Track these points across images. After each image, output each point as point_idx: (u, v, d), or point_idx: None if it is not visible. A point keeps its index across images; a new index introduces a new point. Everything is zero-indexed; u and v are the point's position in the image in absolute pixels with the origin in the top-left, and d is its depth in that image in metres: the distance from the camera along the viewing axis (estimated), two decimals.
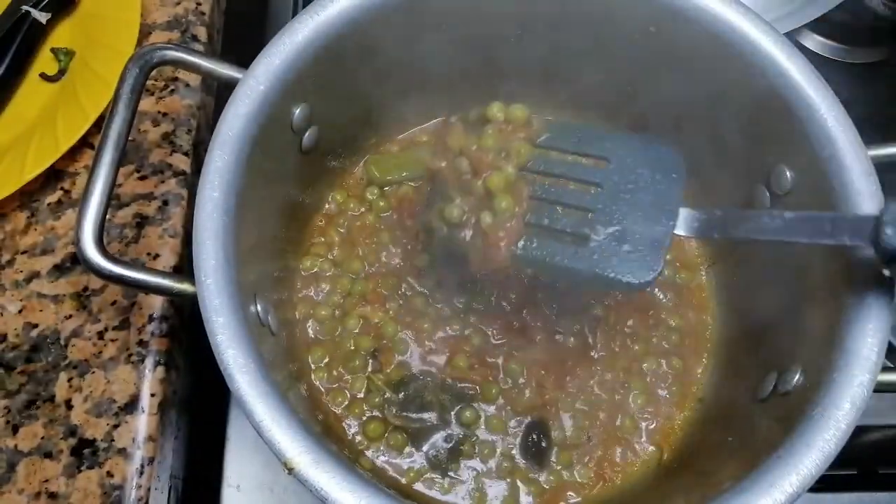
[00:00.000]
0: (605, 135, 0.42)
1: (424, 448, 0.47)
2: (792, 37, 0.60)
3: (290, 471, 0.34)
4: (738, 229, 0.38)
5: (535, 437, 0.47)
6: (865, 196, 0.40)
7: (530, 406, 0.48)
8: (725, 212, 0.39)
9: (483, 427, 0.48)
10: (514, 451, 0.47)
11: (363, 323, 0.50)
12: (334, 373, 0.49)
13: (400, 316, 0.50)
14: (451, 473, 0.47)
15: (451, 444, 0.47)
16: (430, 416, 0.48)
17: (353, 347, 0.50)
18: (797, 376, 0.40)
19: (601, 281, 0.39)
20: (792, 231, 0.36)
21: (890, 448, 0.54)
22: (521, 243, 0.41)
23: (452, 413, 0.48)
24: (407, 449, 0.47)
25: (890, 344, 0.45)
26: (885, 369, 0.38)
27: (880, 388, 0.38)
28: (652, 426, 0.48)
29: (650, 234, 0.39)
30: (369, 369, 0.49)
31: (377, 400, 0.48)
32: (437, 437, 0.47)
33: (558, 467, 0.47)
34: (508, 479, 0.47)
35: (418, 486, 0.46)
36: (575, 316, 0.50)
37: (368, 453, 0.47)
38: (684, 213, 0.40)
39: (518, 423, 0.48)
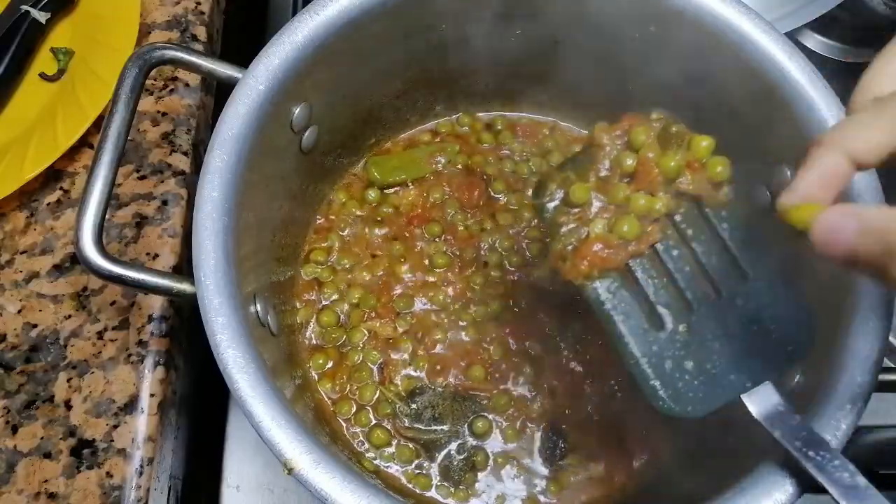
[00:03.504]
0: (766, 254, 0.36)
1: (438, 459, 0.47)
2: (792, 36, 0.60)
3: (290, 471, 0.34)
4: (801, 449, 0.33)
5: (552, 442, 0.47)
6: (865, 195, 0.40)
7: (542, 413, 0.48)
8: (803, 428, 0.34)
9: (496, 436, 0.48)
10: (528, 459, 0.47)
11: (369, 336, 0.50)
12: (338, 382, 0.49)
13: (411, 328, 0.50)
14: (465, 483, 0.46)
15: (464, 455, 0.47)
16: (443, 427, 0.47)
17: (360, 359, 0.49)
18: (797, 377, 0.40)
19: (638, 372, 0.35)
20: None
21: (890, 448, 0.54)
22: (605, 279, 0.35)
23: (465, 424, 0.48)
24: (418, 460, 0.47)
25: (890, 344, 0.45)
26: (885, 369, 0.38)
27: (881, 388, 0.38)
28: (657, 427, 0.48)
29: (720, 377, 0.35)
30: (376, 379, 0.49)
31: (388, 411, 0.48)
32: (451, 448, 0.47)
33: (571, 472, 0.47)
34: (525, 486, 0.47)
35: (434, 495, 0.46)
36: (583, 321, 0.50)
37: (378, 462, 0.47)
38: (766, 390, 0.35)
39: (531, 430, 0.48)
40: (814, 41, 0.68)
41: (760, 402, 0.35)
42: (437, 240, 0.53)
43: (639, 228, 0.35)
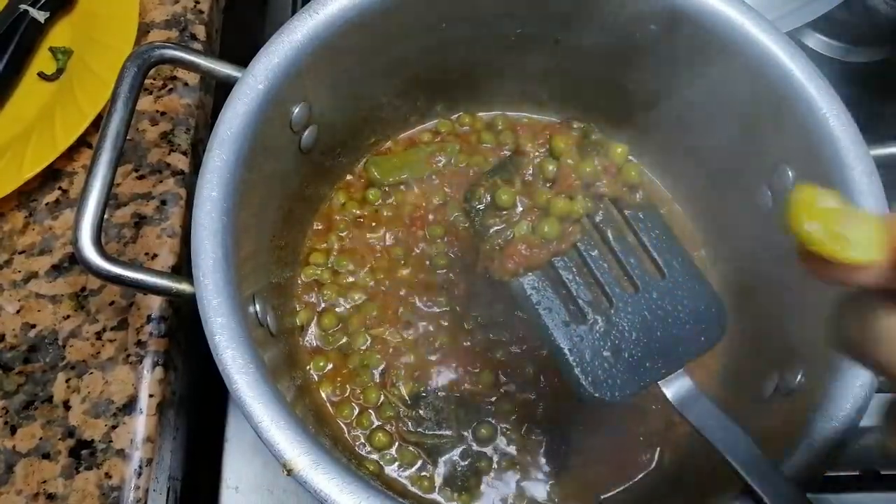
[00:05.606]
0: (681, 252, 0.39)
1: (441, 463, 0.47)
2: (794, 35, 0.60)
3: (290, 472, 0.34)
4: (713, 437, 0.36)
5: (556, 445, 0.47)
6: (867, 195, 0.40)
7: (545, 416, 0.48)
8: (713, 411, 0.37)
9: (500, 441, 0.47)
10: (532, 462, 0.47)
11: (371, 339, 0.50)
12: (338, 385, 0.48)
13: (412, 332, 0.50)
14: (469, 488, 0.46)
15: (468, 461, 0.47)
16: (447, 432, 0.47)
17: (361, 363, 0.49)
18: (799, 376, 0.40)
19: (563, 363, 0.37)
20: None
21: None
22: (530, 276, 0.38)
23: (470, 429, 0.47)
24: (421, 462, 0.47)
25: None
26: None
27: (882, 389, 0.38)
28: (656, 429, 0.48)
29: (638, 365, 0.37)
30: (377, 382, 0.49)
31: (390, 414, 0.47)
32: (455, 454, 0.47)
33: (575, 474, 0.47)
34: (529, 490, 0.46)
35: (437, 497, 0.46)
36: None
37: (380, 465, 0.47)
38: (680, 377, 0.37)
39: (535, 434, 0.47)
40: (815, 40, 0.68)
41: (675, 388, 0.37)
42: (438, 241, 0.52)
43: (559, 229, 0.38)
